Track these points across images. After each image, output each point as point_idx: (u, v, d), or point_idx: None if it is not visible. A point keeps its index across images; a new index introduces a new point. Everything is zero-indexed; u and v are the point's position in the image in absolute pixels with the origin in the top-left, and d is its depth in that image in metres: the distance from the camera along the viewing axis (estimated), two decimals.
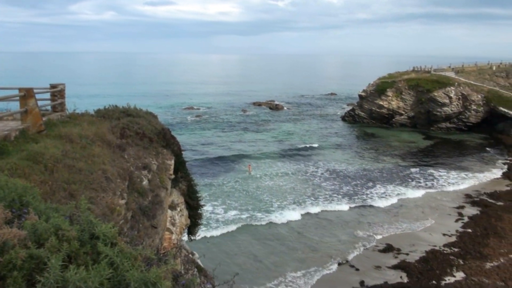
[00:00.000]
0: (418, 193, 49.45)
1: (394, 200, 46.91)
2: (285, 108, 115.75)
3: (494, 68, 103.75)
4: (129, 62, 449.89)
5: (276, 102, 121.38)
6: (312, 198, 46.26)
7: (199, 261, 21.38)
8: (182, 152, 17.97)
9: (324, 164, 60.65)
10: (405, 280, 29.97)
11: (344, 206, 44.24)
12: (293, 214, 41.14)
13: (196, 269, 18.50)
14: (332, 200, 46.00)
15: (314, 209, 42.87)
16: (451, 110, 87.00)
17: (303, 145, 71.94)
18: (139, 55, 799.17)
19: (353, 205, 44.78)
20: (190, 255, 20.06)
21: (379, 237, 37.18)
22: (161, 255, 5.20)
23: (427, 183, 53.88)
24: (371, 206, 45.00)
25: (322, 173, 55.78)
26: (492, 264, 32.47)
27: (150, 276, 3.78)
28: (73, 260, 4.30)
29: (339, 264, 32.00)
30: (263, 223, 38.89)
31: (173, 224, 16.81)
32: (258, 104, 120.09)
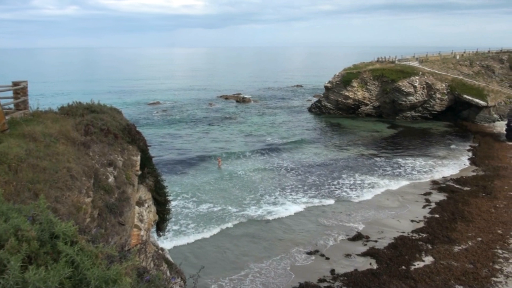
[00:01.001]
0: (385, 181, 50.08)
1: (361, 189, 47.42)
2: (252, 101, 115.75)
3: (458, 57, 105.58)
4: (93, 58, 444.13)
5: (243, 95, 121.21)
6: (279, 189, 46.46)
7: (168, 257, 21.30)
8: (148, 148, 17.84)
9: (291, 155, 61.00)
10: (375, 266, 30.34)
11: (312, 197, 44.53)
12: (264, 207, 41.24)
13: (166, 265, 18.41)
14: (299, 191, 46.22)
15: (282, 201, 43.07)
16: (416, 99, 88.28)
17: (270, 138, 72.13)
18: (103, 50, 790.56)
19: (320, 195, 45.06)
20: (160, 251, 19.96)
21: (348, 225, 37.56)
22: (126, 251, 5.17)
23: (394, 171, 54.63)
24: (338, 195, 45.37)
25: (289, 165, 56.02)
26: (460, 248, 33.14)
27: (110, 273, 3.76)
28: (33, 260, 4.23)
29: (309, 253, 32.22)
30: (233, 216, 38.87)
31: (141, 221, 16.70)
32: (225, 98, 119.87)
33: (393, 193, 46.49)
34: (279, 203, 42.44)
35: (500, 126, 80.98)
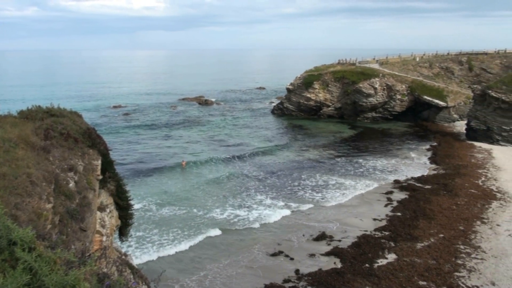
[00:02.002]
0: (347, 181, 50.64)
1: (323, 189, 47.83)
2: (214, 103, 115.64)
3: (417, 59, 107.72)
4: (54, 61, 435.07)
5: (206, 98, 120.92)
6: (243, 191, 46.49)
7: (132, 262, 21.07)
8: (109, 152, 17.62)
9: (254, 157, 61.21)
10: (339, 265, 30.60)
11: (275, 199, 44.67)
12: (228, 210, 41.19)
13: (129, 270, 18.21)
14: (262, 193, 46.33)
15: (246, 203, 43.09)
16: (377, 100, 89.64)
17: (233, 140, 72.19)
18: (64, 53, 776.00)
19: (283, 197, 45.27)
20: (123, 257, 19.74)
21: (312, 225, 37.79)
22: (86, 257, 5.10)
23: (356, 171, 55.32)
24: (301, 196, 45.67)
25: (252, 167, 56.16)
26: (422, 244, 33.71)
27: (68, 279, 3.70)
28: None
29: (273, 255, 32.31)
30: (198, 219, 38.70)
31: (103, 226, 16.48)
32: (187, 100, 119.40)
33: (355, 192, 47.01)
34: (243, 205, 42.45)
35: (460, 126, 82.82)
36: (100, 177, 16.03)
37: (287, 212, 41.02)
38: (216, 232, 36.06)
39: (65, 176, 13.59)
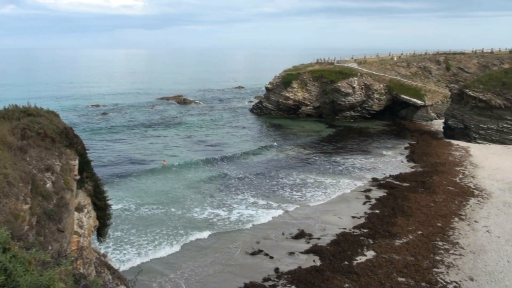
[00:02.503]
0: (326, 179, 50.90)
1: (301, 187, 47.97)
2: (193, 102, 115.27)
3: (395, 59, 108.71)
4: (31, 60, 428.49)
5: (184, 97, 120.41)
6: (222, 190, 46.48)
7: (111, 263, 20.94)
8: (87, 151, 17.46)
9: (233, 156, 61.10)
10: (318, 263, 30.75)
11: (254, 197, 44.71)
12: (208, 209, 41.11)
13: (108, 271, 18.09)
14: (241, 192, 46.31)
15: (225, 202, 43.06)
16: (355, 99, 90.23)
17: (212, 139, 72.15)
18: (42, 51, 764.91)
19: (262, 195, 45.35)
20: (102, 257, 19.59)
21: (291, 223, 37.89)
22: (62, 258, 5.05)
23: (334, 169, 55.64)
24: (280, 195, 45.78)
25: (231, 166, 56.17)
26: (401, 241, 34.04)
27: (43, 279, 3.66)
28: None
29: (253, 253, 32.33)
30: (177, 219, 38.53)
31: (81, 227, 16.33)
32: (166, 99, 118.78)
33: (334, 190, 47.24)
34: (223, 205, 42.39)
35: (438, 124, 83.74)
36: (78, 177, 15.88)
37: (266, 211, 41.02)
38: (195, 231, 35.91)
39: (42, 177, 13.45)
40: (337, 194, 46.14)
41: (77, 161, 15.87)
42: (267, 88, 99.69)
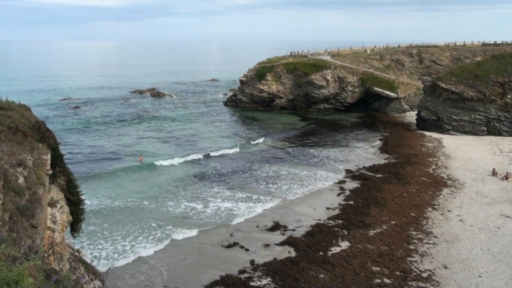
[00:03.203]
0: (300, 171, 51.16)
1: (275, 179, 48.15)
2: (167, 95, 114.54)
3: (368, 52, 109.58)
4: (1, 52, 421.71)
5: (158, 90, 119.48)
6: (197, 183, 46.41)
7: (86, 258, 20.73)
8: (59, 145, 17.21)
9: (208, 149, 61.00)
10: (293, 254, 30.96)
11: (229, 189, 44.72)
12: (183, 202, 40.98)
13: (83, 267, 17.90)
14: (216, 185, 46.31)
15: (200, 195, 42.98)
16: (329, 92, 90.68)
17: (187, 132, 71.84)
18: (13, 44, 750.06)
19: (236, 188, 45.47)
20: (76, 253, 19.37)
21: (266, 216, 37.99)
22: (33, 253, 4.95)
23: (309, 161, 55.95)
24: (254, 187, 45.90)
25: (206, 159, 56.17)
26: (375, 232, 34.46)
27: (12, 274, 3.58)
28: None
29: (228, 246, 32.35)
30: (152, 213, 38.32)
31: (54, 222, 16.10)
32: (139, 92, 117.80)
33: (309, 182, 47.49)
34: (198, 198, 42.33)
35: (411, 116, 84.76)
36: (50, 172, 15.66)
37: (241, 204, 41.09)
38: (170, 225, 35.80)
39: (14, 172, 13.23)
40: (311, 186, 46.40)
41: (49, 156, 15.64)
42: (241, 81, 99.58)
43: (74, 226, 18.81)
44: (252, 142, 66.08)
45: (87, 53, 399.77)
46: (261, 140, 67.62)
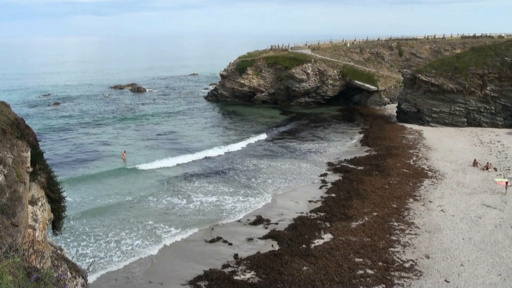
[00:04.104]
0: (281, 164, 51.25)
1: (257, 173, 48.26)
2: (147, 90, 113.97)
3: (348, 45, 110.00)
4: None
5: (138, 85, 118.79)
6: (180, 178, 46.26)
7: (68, 256, 20.57)
8: (39, 143, 17.04)
9: (189, 144, 61.07)
10: (277, 248, 31.09)
11: (212, 184, 44.66)
12: (165, 198, 40.83)
13: (66, 265, 17.77)
14: (199, 179, 46.25)
15: (182, 190, 42.88)
16: (309, 85, 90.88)
17: (168, 128, 71.47)
18: None
19: (219, 181, 45.50)
20: (59, 251, 19.22)
21: (248, 210, 38.04)
22: (13, 251, 4.90)
23: (291, 154, 56.18)
24: (236, 180, 45.90)
25: (188, 154, 55.71)
26: (357, 223, 34.69)
27: None
28: None
29: (211, 241, 32.32)
30: (134, 209, 38.14)
31: (36, 220, 15.95)
32: (119, 88, 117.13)
33: (291, 176, 47.60)
34: (179, 193, 42.24)
35: (391, 109, 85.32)
36: (30, 169, 15.50)
37: (222, 197, 41.11)
38: (152, 221, 35.68)
39: None
40: (293, 179, 46.50)
41: (29, 153, 15.49)
42: (222, 75, 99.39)
43: (56, 224, 18.66)
44: (233, 137, 66.01)
45: (66, 49, 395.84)
46: (243, 134, 67.61)
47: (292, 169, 49.97)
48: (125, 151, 55.07)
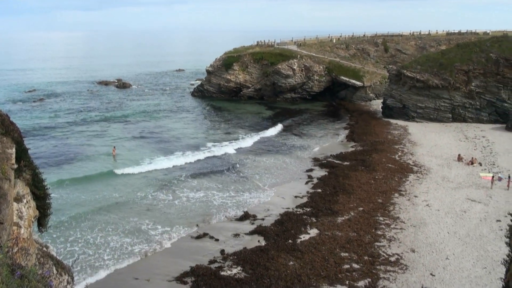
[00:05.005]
0: (267, 160, 51.38)
1: (243, 168, 48.40)
2: (133, 86, 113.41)
3: (334, 41, 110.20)
4: None
5: (124, 81, 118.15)
6: (163, 173, 46.15)
7: (54, 253, 20.46)
8: (23, 139, 16.93)
9: (176, 140, 61.00)
10: (263, 243, 31.17)
11: (198, 179, 44.67)
12: (150, 193, 40.75)
13: (52, 262, 17.69)
14: (184, 175, 46.14)
15: (169, 185, 42.84)
16: (295, 81, 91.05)
17: (154, 124, 71.27)
18: None
19: (204, 176, 45.70)
20: (44, 248, 19.12)
21: (235, 206, 38.06)
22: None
23: (276, 149, 56.27)
24: (220, 176, 46.03)
25: (174, 149, 55.74)
26: (343, 218, 34.89)
27: None
28: None
29: (198, 237, 32.31)
30: (121, 205, 38.02)
31: (21, 218, 15.83)
32: (105, 83, 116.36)
33: (276, 172, 47.72)
34: (166, 189, 42.17)
35: (376, 105, 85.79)
36: (15, 166, 15.41)
37: (209, 193, 41.11)
38: (137, 217, 35.58)
39: None
40: (279, 175, 46.61)
41: (14, 150, 15.37)
42: (208, 71, 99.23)
43: (41, 221, 18.54)
44: (219, 133, 66.05)
45: (51, 44, 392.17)
46: (229, 130, 67.67)
47: (278, 164, 50.10)
48: (114, 147, 54.56)
